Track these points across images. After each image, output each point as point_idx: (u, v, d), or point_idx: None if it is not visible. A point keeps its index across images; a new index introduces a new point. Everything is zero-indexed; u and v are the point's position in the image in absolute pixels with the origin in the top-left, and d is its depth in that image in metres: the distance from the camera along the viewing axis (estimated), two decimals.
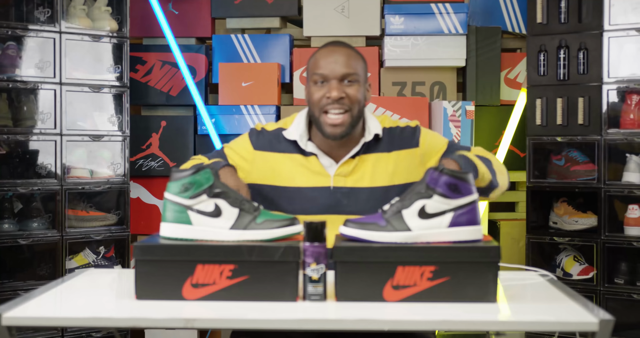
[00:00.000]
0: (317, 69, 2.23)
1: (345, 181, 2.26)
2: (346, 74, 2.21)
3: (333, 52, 2.24)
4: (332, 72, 2.21)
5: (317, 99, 2.23)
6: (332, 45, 2.28)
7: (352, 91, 2.22)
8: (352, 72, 2.22)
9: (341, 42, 2.32)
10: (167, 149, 3.89)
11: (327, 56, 2.24)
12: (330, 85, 2.21)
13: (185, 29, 3.97)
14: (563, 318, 1.65)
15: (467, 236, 1.77)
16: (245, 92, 3.82)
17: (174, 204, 1.80)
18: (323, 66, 2.22)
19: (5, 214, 3.35)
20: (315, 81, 2.24)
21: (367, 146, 2.29)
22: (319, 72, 2.22)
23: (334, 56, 2.23)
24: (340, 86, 2.21)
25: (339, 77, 2.21)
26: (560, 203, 3.52)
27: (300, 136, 2.28)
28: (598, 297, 3.32)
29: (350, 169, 2.27)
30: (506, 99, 3.89)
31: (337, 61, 2.22)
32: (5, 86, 3.30)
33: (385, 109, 3.71)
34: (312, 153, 2.28)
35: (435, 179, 1.77)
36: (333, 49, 2.26)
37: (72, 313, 1.72)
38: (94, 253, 3.58)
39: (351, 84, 2.22)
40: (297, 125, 2.31)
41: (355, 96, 2.22)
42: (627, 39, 3.27)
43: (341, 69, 2.21)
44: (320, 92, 2.22)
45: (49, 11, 3.38)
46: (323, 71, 2.22)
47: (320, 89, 2.22)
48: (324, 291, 1.74)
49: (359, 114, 2.24)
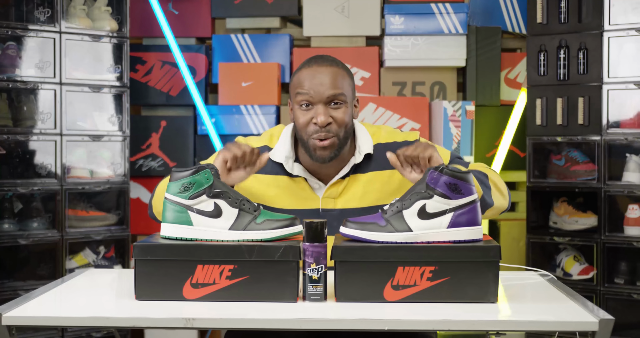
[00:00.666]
0: (301, 89, 2.11)
1: (334, 203, 2.16)
2: (333, 95, 2.09)
3: (317, 73, 2.11)
4: (317, 95, 2.09)
5: (303, 124, 2.11)
6: (316, 63, 2.14)
7: (339, 115, 2.10)
8: (339, 93, 2.09)
9: (325, 57, 2.17)
10: (167, 149, 3.89)
11: (312, 76, 2.11)
12: (316, 109, 2.09)
13: (185, 29, 3.97)
14: (563, 318, 1.65)
15: (467, 236, 1.77)
16: (245, 92, 3.82)
17: (174, 205, 1.80)
18: (308, 87, 2.10)
19: (5, 214, 3.35)
20: (299, 103, 2.12)
21: (358, 165, 2.18)
22: (303, 91, 2.10)
23: (318, 77, 2.10)
24: (327, 109, 2.09)
25: (325, 101, 2.09)
26: (560, 203, 3.52)
27: (286, 159, 2.17)
28: (598, 297, 3.32)
29: (339, 190, 2.17)
30: (506, 99, 3.89)
31: (323, 83, 2.09)
32: (5, 86, 3.30)
33: (385, 109, 3.71)
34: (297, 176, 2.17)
35: (436, 179, 1.77)
36: (317, 68, 2.12)
37: (72, 313, 1.72)
38: (94, 253, 3.58)
39: (338, 106, 2.10)
40: (283, 145, 2.20)
41: (343, 119, 2.10)
42: (627, 39, 3.27)
43: (327, 91, 2.09)
44: (306, 117, 2.11)
45: (49, 11, 3.38)
46: (309, 91, 2.09)
47: (306, 113, 2.11)
48: (324, 291, 1.75)
49: (346, 135, 2.13)
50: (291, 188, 2.18)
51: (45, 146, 3.40)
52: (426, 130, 3.72)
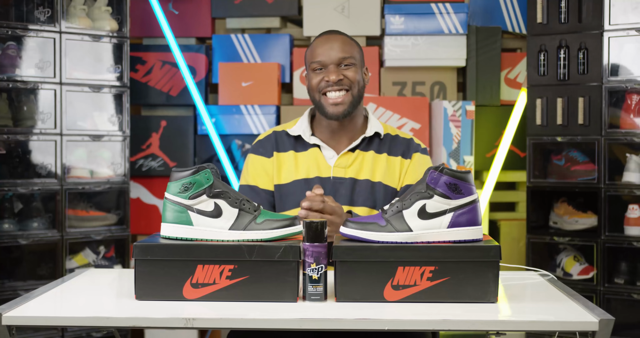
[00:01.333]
0: (314, 57, 2.32)
1: (345, 172, 2.33)
2: (342, 58, 2.29)
3: (328, 40, 2.33)
4: (329, 58, 2.29)
5: (316, 84, 2.31)
6: (327, 33, 2.37)
7: (350, 73, 2.30)
8: (348, 55, 2.30)
9: (335, 30, 2.40)
10: (167, 149, 3.89)
11: (323, 43, 2.32)
12: (328, 70, 2.30)
13: (185, 29, 3.97)
14: (563, 318, 1.65)
15: (467, 236, 1.77)
16: (245, 92, 3.82)
17: (174, 204, 1.80)
18: (320, 53, 2.31)
19: (5, 214, 3.35)
20: (314, 68, 2.32)
21: (368, 143, 2.36)
22: (316, 59, 2.31)
23: (329, 43, 2.31)
24: (338, 69, 2.30)
25: (336, 62, 2.30)
26: (560, 203, 3.52)
27: (303, 131, 2.37)
28: (598, 297, 3.32)
29: (349, 161, 2.34)
30: (506, 99, 3.89)
31: (333, 47, 2.30)
32: (5, 86, 3.30)
33: (385, 109, 3.71)
34: (314, 145, 2.35)
35: (436, 179, 1.77)
36: (328, 37, 2.34)
37: (72, 313, 1.72)
38: (94, 253, 3.58)
39: (348, 67, 2.30)
40: (301, 123, 2.40)
41: (354, 76, 2.30)
42: (627, 39, 3.27)
43: (337, 54, 2.29)
44: (319, 77, 2.31)
45: (49, 11, 3.38)
46: (320, 58, 2.30)
47: (319, 75, 2.31)
48: (324, 291, 1.75)
49: (359, 94, 2.33)
50: (306, 158, 2.35)
51: (45, 146, 3.40)
52: (426, 130, 3.72)
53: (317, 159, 2.35)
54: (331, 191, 2.30)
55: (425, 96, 3.82)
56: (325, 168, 2.34)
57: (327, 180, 2.32)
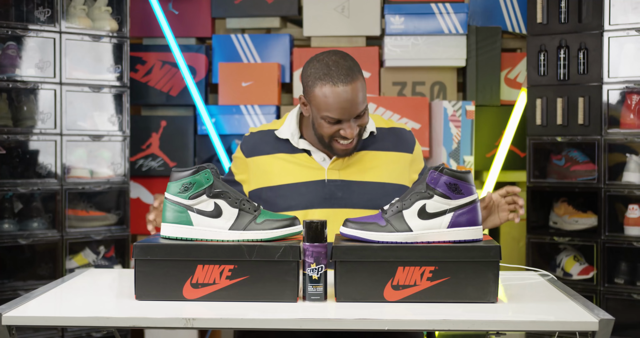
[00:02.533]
0: (329, 112, 2.14)
1: (339, 174, 2.28)
2: (360, 112, 2.17)
3: (345, 93, 2.13)
4: (348, 117, 2.16)
5: (328, 134, 2.19)
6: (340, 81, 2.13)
7: (363, 121, 2.20)
8: (364, 107, 2.18)
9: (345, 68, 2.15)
10: (167, 149, 3.89)
11: (340, 97, 2.13)
12: (344, 124, 2.17)
13: (185, 29, 3.97)
14: (563, 318, 1.65)
15: (467, 236, 1.77)
16: (245, 92, 3.82)
17: (174, 205, 1.80)
18: (337, 110, 2.13)
19: (5, 214, 3.35)
20: (324, 118, 2.16)
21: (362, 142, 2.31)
22: (334, 117, 2.15)
23: (346, 97, 2.13)
24: (355, 122, 2.18)
25: (354, 117, 2.17)
26: (560, 203, 3.52)
27: (291, 135, 2.30)
28: (598, 297, 3.32)
29: (344, 163, 2.29)
30: (506, 99, 3.89)
31: (352, 104, 2.14)
32: (5, 86, 3.30)
33: (385, 109, 3.71)
34: (303, 150, 2.30)
35: (436, 179, 1.77)
36: (343, 88, 2.13)
37: (72, 313, 1.72)
38: (94, 253, 3.58)
39: (363, 115, 2.19)
40: (289, 124, 2.32)
41: (365, 121, 2.20)
42: (627, 39, 3.27)
43: (356, 111, 2.15)
44: (332, 129, 2.18)
45: (49, 11, 3.38)
46: (341, 116, 2.14)
47: (332, 126, 2.18)
48: (324, 291, 1.75)
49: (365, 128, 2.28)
50: (296, 162, 2.30)
51: (45, 146, 3.40)
52: (426, 130, 3.72)
53: (308, 162, 2.30)
54: (326, 194, 2.26)
55: (425, 96, 3.82)
56: (319, 170, 2.28)
57: (320, 183, 2.27)
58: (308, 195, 2.26)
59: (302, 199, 2.26)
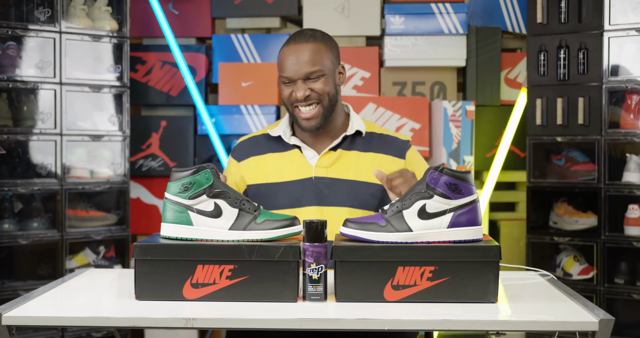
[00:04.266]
0: (282, 71, 2.28)
1: (326, 172, 2.32)
2: (309, 72, 2.25)
3: (295, 51, 2.26)
4: (295, 74, 2.25)
5: (286, 97, 2.29)
6: (294, 41, 2.29)
7: (318, 86, 2.26)
8: (316, 68, 2.25)
9: (304, 32, 2.32)
10: (167, 149, 3.89)
11: (289, 55, 2.27)
12: (296, 85, 2.27)
13: (185, 29, 3.97)
14: (563, 318, 1.65)
15: (467, 236, 1.77)
16: (245, 92, 3.82)
17: (174, 205, 1.80)
18: (287, 67, 2.26)
19: (5, 214, 3.35)
20: (282, 81, 2.29)
21: (351, 142, 2.36)
22: (284, 74, 2.27)
23: (295, 55, 2.26)
24: (305, 84, 2.26)
25: (303, 77, 2.25)
26: (560, 203, 3.52)
27: (283, 132, 2.36)
28: (598, 297, 3.32)
29: (331, 161, 2.33)
30: (506, 99, 3.89)
31: (299, 61, 2.25)
32: (5, 86, 3.30)
33: (385, 109, 3.71)
34: (294, 146, 2.35)
35: (436, 179, 1.77)
36: (294, 47, 2.27)
37: (72, 313, 1.72)
38: (94, 253, 3.58)
39: (316, 80, 2.26)
40: (281, 123, 2.40)
41: (322, 89, 2.26)
42: (627, 39, 3.27)
43: (303, 69, 2.25)
44: (288, 90, 2.28)
45: (49, 11, 3.38)
46: (287, 73, 2.26)
47: (288, 88, 2.28)
48: (324, 291, 1.75)
49: (331, 103, 2.30)
50: (287, 160, 2.35)
51: (45, 146, 3.40)
52: (426, 130, 3.72)
53: (298, 160, 2.34)
54: (313, 192, 2.29)
55: (425, 96, 3.82)
56: (307, 168, 2.32)
57: (308, 180, 2.31)
58: (296, 194, 2.30)
59: (290, 198, 2.30)
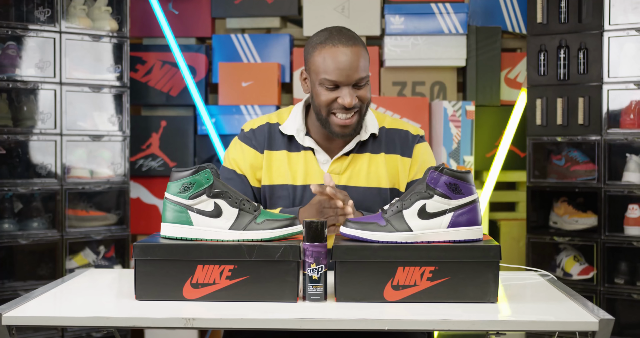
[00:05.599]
0: (327, 73, 2.10)
1: (338, 178, 2.21)
2: (360, 79, 2.11)
3: (345, 55, 2.10)
4: (346, 80, 2.10)
5: (326, 102, 2.12)
6: (340, 43, 2.11)
7: (363, 93, 2.13)
8: (365, 75, 2.12)
9: (345, 32, 2.15)
10: (167, 149, 3.89)
11: (338, 58, 2.10)
12: (342, 91, 2.11)
13: (185, 29, 3.97)
14: (563, 318, 1.65)
15: (467, 236, 1.77)
16: (245, 92, 3.82)
17: (174, 204, 1.80)
18: (335, 71, 2.09)
19: (5, 214, 3.35)
20: (323, 83, 2.12)
21: (363, 144, 2.24)
22: (331, 78, 2.10)
23: (346, 59, 2.09)
24: (353, 91, 2.11)
25: (352, 84, 2.11)
26: (560, 203, 3.52)
27: (297, 131, 2.23)
28: (598, 297, 3.32)
29: (343, 166, 2.22)
30: (506, 99, 3.89)
31: (352, 66, 2.09)
32: (5, 86, 3.30)
33: (385, 109, 3.71)
34: (308, 147, 2.23)
35: (436, 179, 1.77)
36: (343, 50, 2.10)
37: (72, 313, 1.72)
38: (94, 253, 3.58)
39: (363, 86, 2.13)
40: (294, 119, 2.25)
41: (366, 96, 2.14)
42: (627, 39, 3.27)
43: (355, 75, 2.10)
44: (330, 96, 2.12)
45: (49, 11, 3.38)
46: (336, 78, 2.09)
47: (330, 93, 2.12)
48: (324, 291, 1.75)
49: (367, 110, 2.19)
50: (298, 162, 2.23)
51: (45, 146, 3.40)
52: (426, 130, 3.72)
53: (310, 163, 2.22)
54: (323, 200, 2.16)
55: (425, 96, 3.82)
56: (318, 173, 2.21)
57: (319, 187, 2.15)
58: (305, 200, 2.21)
59: (299, 201, 2.22)
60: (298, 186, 2.22)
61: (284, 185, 2.23)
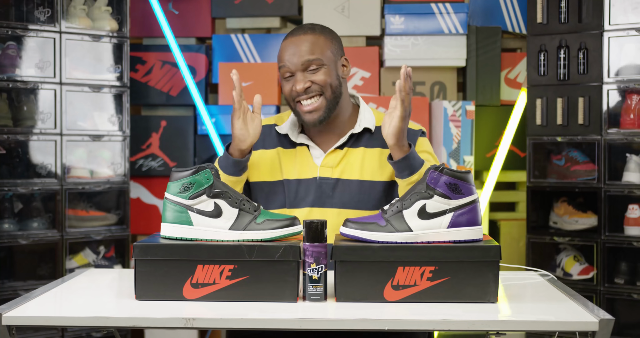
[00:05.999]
0: (281, 61, 2.23)
1: (332, 172, 2.24)
2: (308, 61, 2.19)
3: (292, 43, 2.22)
4: (293, 65, 2.20)
5: (287, 93, 2.24)
6: (292, 34, 2.25)
7: (318, 77, 2.20)
8: (313, 58, 2.19)
9: (304, 26, 2.27)
10: (167, 149, 3.89)
11: (288, 47, 2.22)
12: (295, 77, 2.21)
13: (185, 29, 3.97)
14: (563, 318, 1.65)
15: (467, 236, 1.77)
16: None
17: (174, 205, 1.80)
18: (286, 59, 2.21)
19: (5, 214, 3.35)
20: (283, 74, 2.24)
21: (358, 138, 2.27)
22: (282, 64, 2.22)
23: (293, 47, 2.21)
24: (304, 76, 2.20)
25: (301, 68, 2.20)
26: (560, 203, 3.52)
27: (291, 130, 2.30)
28: (598, 297, 3.32)
29: (337, 160, 2.25)
30: (506, 99, 3.89)
31: (297, 52, 2.20)
32: (5, 86, 3.30)
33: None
34: (302, 144, 2.28)
35: (436, 179, 1.77)
36: (292, 39, 2.23)
37: (72, 313, 1.72)
38: (94, 253, 3.58)
39: (316, 70, 2.20)
40: (289, 119, 2.33)
41: (324, 79, 2.20)
42: (627, 39, 3.27)
43: (301, 59, 2.19)
44: (289, 85, 2.23)
45: (49, 11, 3.38)
46: (286, 63, 2.21)
47: (289, 83, 2.23)
48: (324, 291, 1.75)
49: (335, 95, 2.22)
50: (293, 158, 2.28)
51: (45, 146, 3.40)
52: (426, 130, 3.72)
53: (304, 158, 2.26)
54: (317, 192, 2.22)
55: (425, 96, 3.82)
56: (312, 167, 2.25)
57: (312, 181, 2.24)
58: (300, 194, 2.24)
59: (291, 197, 2.24)
60: (292, 181, 2.26)
61: (279, 181, 2.27)
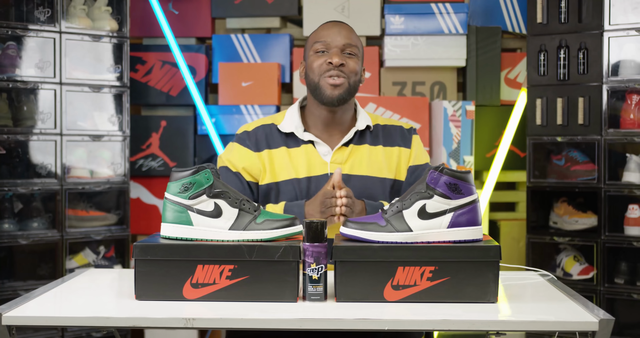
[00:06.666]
0: (319, 38, 2.29)
1: (341, 168, 2.29)
2: (347, 44, 2.27)
3: (336, 26, 2.31)
4: (334, 41, 2.27)
5: (317, 66, 2.27)
6: (332, 21, 2.36)
7: (351, 62, 2.27)
8: (353, 44, 2.28)
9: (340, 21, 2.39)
10: (167, 149, 3.89)
11: (330, 27, 2.31)
12: (331, 52, 2.26)
13: (185, 29, 3.97)
14: (563, 318, 1.65)
15: (467, 236, 1.77)
16: (245, 92, 3.82)
17: (174, 205, 1.80)
18: (326, 35, 2.29)
19: (5, 214, 3.35)
20: (316, 49, 2.29)
21: (361, 136, 2.34)
22: (321, 40, 2.28)
23: (337, 28, 2.30)
24: (341, 54, 2.27)
25: (340, 47, 2.27)
26: (560, 203, 3.52)
27: (295, 127, 2.32)
28: (598, 297, 3.32)
29: (345, 156, 2.31)
30: (506, 99, 3.89)
31: (341, 33, 2.28)
32: (5, 86, 3.30)
33: (385, 109, 3.71)
34: (308, 141, 2.31)
35: (436, 179, 1.77)
36: (336, 23, 2.33)
37: (72, 313, 1.72)
38: (94, 253, 3.58)
39: (351, 56, 2.28)
40: (291, 118, 2.35)
41: (354, 67, 2.28)
42: (627, 39, 3.27)
43: (343, 40, 2.27)
44: (320, 60, 2.27)
45: (49, 11, 3.38)
46: (326, 39, 2.28)
47: (321, 57, 2.28)
48: (324, 291, 1.75)
49: (355, 86, 2.30)
50: (301, 156, 2.31)
51: (45, 146, 3.40)
52: (426, 130, 3.72)
53: (312, 155, 2.30)
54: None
55: (425, 96, 3.82)
56: (321, 164, 2.29)
57: (324, 177, 2.28)
58: (311, 192, 2.27)
59: (304, 194, 2.27)
60: (302, 179, 2.29)
61: (288, 180, 2.29)
